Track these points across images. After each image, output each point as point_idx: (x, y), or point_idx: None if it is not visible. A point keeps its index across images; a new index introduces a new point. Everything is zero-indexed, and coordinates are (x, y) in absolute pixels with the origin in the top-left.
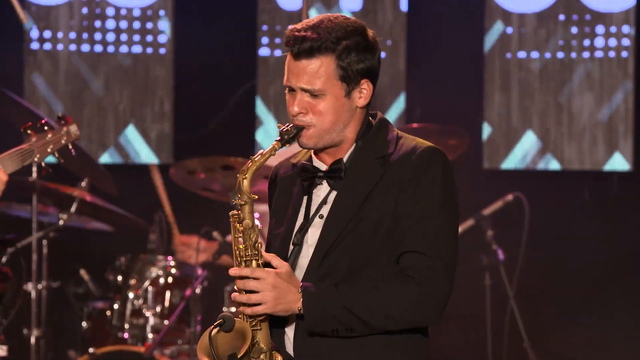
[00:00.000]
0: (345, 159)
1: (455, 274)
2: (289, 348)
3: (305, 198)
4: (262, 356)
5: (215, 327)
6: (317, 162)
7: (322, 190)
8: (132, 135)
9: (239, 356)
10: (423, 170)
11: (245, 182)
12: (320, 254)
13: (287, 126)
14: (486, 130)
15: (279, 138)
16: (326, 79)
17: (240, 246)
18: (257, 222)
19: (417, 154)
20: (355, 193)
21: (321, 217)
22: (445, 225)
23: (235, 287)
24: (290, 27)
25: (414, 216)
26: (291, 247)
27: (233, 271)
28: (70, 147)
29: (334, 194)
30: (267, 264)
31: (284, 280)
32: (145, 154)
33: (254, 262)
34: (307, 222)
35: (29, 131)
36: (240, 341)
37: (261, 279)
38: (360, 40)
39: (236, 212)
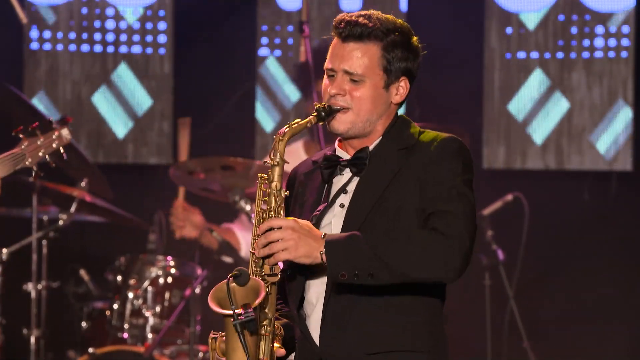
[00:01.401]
0: (371, 148)
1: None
2: (315, 336)
3: (325, 186)
4: (265, 322)
5: (231, 276)
6: (340, 152)
7: (342, 179)
8: (131, 135)
9: (252, 306)
10: (443, 150)
11: (281, 145)
12: None
13: (324, 104)
14: (486, 130)
15: (315, 113)
16: (369, 65)
17: (264, 207)
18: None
19: (437, 141)
20: (377, 181)
21: (342, 206)
22: (465, 187)
23: (252, 247)
24: (341, 14)
25: (434, 183)
26: None
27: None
28: (62, 151)
29: (353, 184)
30: None
31: (304, 228)
32: (145, 154)
33: None
34: (327, 207)
35: (20, 135)
36: (251, 298)
37: (282, 227)
38: (407, 40)
39: (265, 175)
